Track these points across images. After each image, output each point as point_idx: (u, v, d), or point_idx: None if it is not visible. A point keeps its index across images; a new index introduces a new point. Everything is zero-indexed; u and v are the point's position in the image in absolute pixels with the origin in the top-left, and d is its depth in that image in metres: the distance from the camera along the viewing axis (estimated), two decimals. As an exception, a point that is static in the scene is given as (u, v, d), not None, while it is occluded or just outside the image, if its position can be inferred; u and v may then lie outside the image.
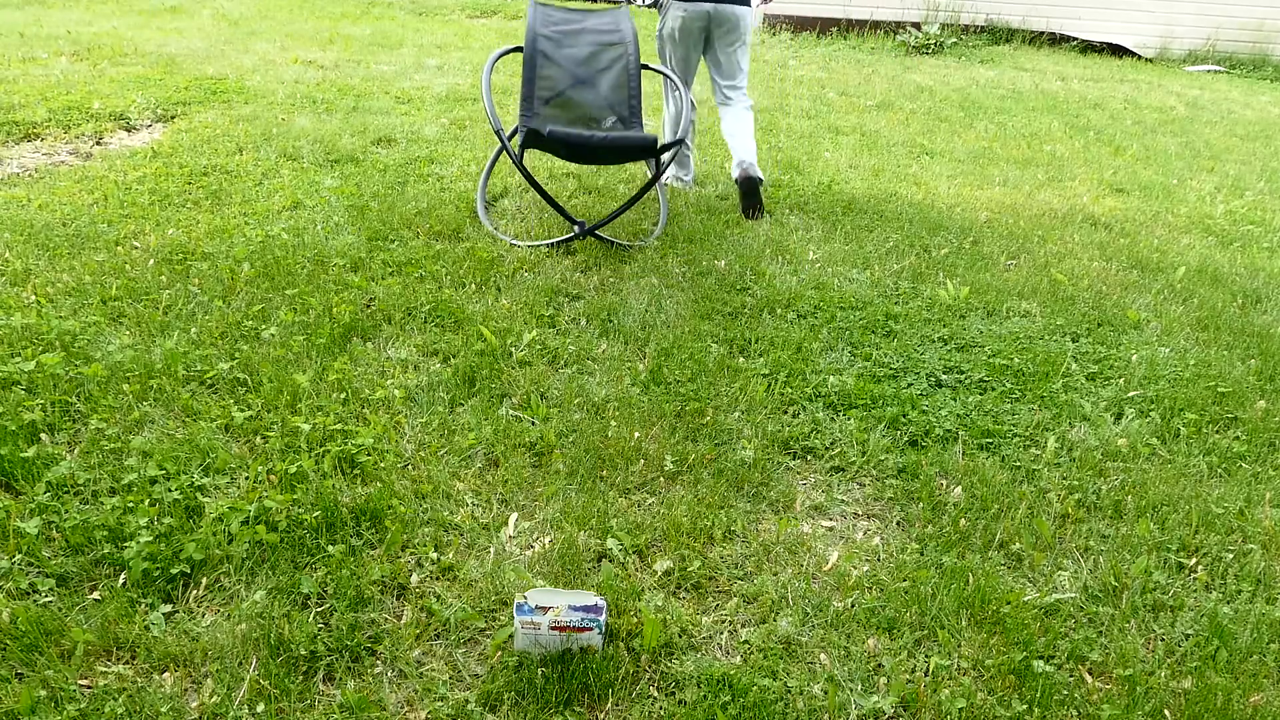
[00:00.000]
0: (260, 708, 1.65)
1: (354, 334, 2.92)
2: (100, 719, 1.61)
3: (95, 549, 1.96)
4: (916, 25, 10.09)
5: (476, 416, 2.53)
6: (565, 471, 2.34)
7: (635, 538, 2.12)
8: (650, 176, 4.09)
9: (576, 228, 3.73)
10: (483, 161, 4.75)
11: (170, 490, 2.12)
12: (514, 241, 3.75)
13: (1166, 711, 1.76)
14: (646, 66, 4.21)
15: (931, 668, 1.83)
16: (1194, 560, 2.18)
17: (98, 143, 4.82)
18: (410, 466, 2.33)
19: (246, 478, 2.21)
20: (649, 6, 12.16)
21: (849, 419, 2.65)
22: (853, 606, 1.97)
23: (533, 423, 2.52)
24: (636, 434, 2.49)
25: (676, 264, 3.65)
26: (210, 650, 1.75)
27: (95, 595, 1.86)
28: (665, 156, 3.94)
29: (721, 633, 1.91)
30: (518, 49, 4.08)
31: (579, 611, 1.75)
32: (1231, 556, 2.20)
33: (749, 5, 4.21)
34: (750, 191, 4.20)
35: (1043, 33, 10.36)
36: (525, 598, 1.74)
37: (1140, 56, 10.33)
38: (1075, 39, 10.38)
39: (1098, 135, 6.56)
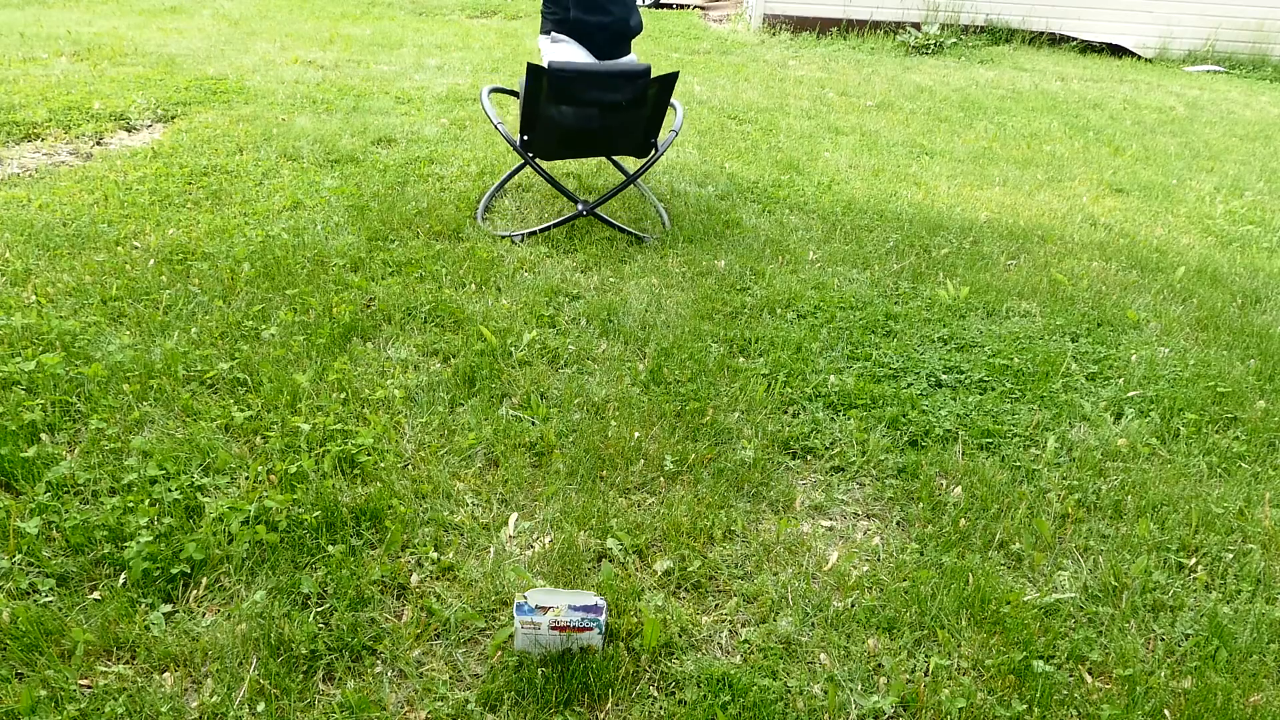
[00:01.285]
0: (260, 707, 1.65)
1: (354, 334, 2.92)
2: (100, 719, 1.61)
3: (95, 549, 1.96)
4: (916, 25, 10.09)
5: (476, 416, 2.53)
6: (565, 471, 2.34)
7: (635, 538, 2.12)
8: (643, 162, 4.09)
9: (579, 206, 3.82)
10: (483, 161, 4.75)
11: (170, 490, 2.12)
12: (514, 236, 3.76)
13: (1166, 711, 1.76)
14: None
15: (931, 668, 1.83)
16: (1194, 560, 2.18)
17: (98, 143, 4.83)
18: (410, 466, 2.33)
19: (246, 478, 2.21)
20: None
21: (849, 419, 2.65)
22: (853, 606, 1.97)
23: (533, 423, 2.52)
24: (636, 434, 2.49)
25: (676, 264, 3.65)
26: (210, 650, 1.75)
27: (95, 595, 1.86)
28: (661, 140, 3.96)
29: (721, 632, 1.91)
30: (511, 92, 4.18)
31: (579, 611, 1.75)
32: (1231, 556, 2.20)
33: None
34: None
35: (1042, 33, 10.36)
36: (525, 598, 1.74)
37: (1140, 57, 10.33)
38: (1075, 39, 10.38)
39: (1097, 135, 6.56)
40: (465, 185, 4.38)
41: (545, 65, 3.57)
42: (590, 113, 3.73)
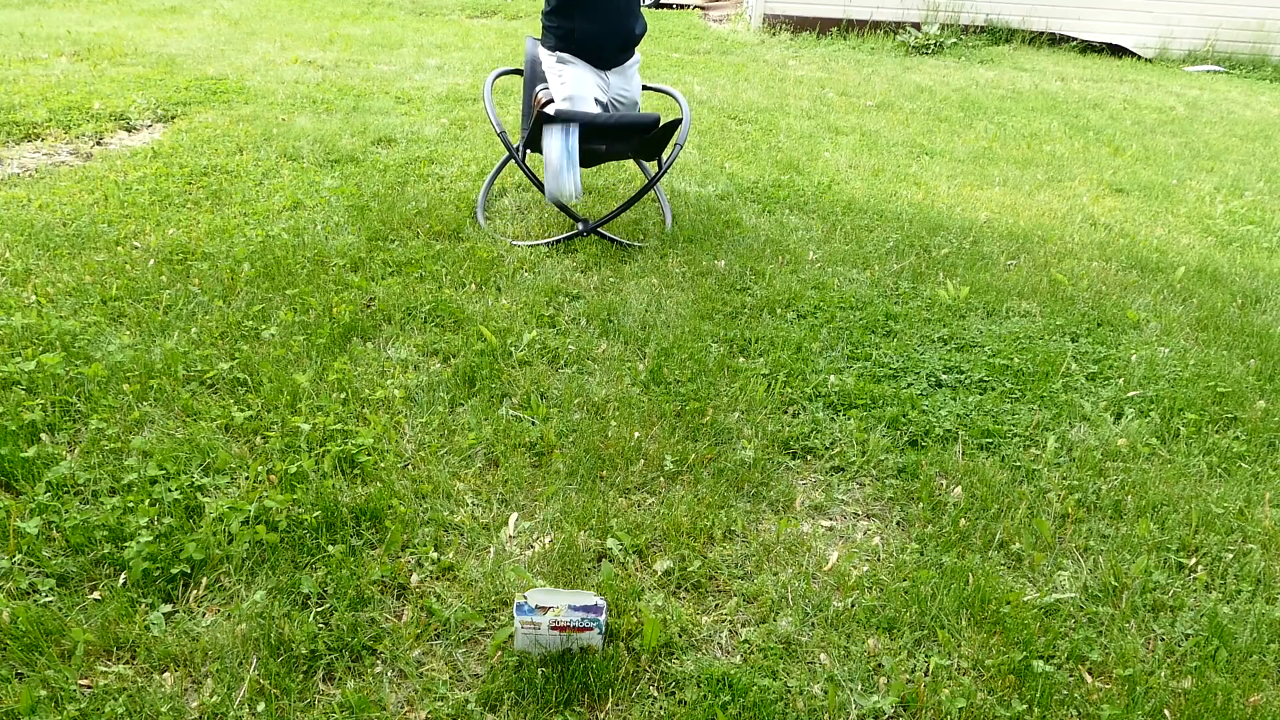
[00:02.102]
0: (260, 707, 1.65)
1: (354, 334, 2.92)
2: (100, 719, 1.61)
3: (95, 549, 1.96)
4: (916, 25, 10.09)
5: (476, 416, 2.53)
6: (565, 471, 2.34)
7: (635, 538, 2.12)
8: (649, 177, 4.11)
9: (580, 225, 3.77)
10: (483, 161, 4.75)
11: (170, 490, 2.12)
12: (514, 242, 3.76)
13: (1166, 711, 1.76)
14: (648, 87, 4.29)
15: (931, 668, 1.83)
16: (1194, 560, 2.18)
17: (98, 143, 4.83)
18: (410, 466, 2.33)
19: (246, 478, 2.21)
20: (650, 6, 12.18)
21: (849, 419, 2.65)
22: (853, 606, 1.97)
23: (533, 423, 2.52)
24: (636, 434, 2.49)
25: (676, 264, 3.65)
26: (210, 650, 1.75)
27: (95, 595, 1.86)
28: (666, 155, 3.97)
29: (721, 632, 1.91)
30: (516, 71, 4.22)
31: (579, 611, 1.75)
32: (1231, 556, 2.20)
33: None
34: None
35: (1042, 33, 10.36)
36: (525, 598, 1.74)
37: (1140, 57, 10.34)
38: (1075, 39, 10.38)
39: (1097, 135, 6.56)
40: (465, 185, 4.38)
41: (554, 112, 3.60)
42: (596, 150, 3.82)
